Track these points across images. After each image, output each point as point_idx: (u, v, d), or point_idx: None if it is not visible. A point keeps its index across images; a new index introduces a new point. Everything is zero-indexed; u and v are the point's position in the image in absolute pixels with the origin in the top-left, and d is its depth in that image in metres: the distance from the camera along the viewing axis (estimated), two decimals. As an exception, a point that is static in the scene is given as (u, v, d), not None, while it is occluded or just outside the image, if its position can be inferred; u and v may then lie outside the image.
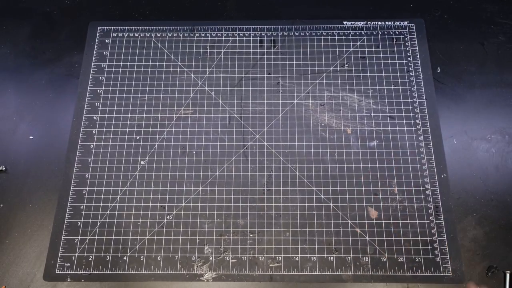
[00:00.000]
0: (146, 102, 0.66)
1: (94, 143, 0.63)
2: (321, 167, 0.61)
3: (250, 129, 0.64)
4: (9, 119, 0.66)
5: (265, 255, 0.57)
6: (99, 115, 0.65)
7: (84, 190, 0.60)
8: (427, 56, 0.69)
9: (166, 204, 0.60)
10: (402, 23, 0.71)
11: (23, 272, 0.56)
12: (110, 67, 0.69)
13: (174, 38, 0.71)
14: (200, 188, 0.60)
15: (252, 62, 0.69)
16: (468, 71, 0.68)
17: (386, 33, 0.70)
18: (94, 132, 0.64)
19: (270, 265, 0.56)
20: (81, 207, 0.59)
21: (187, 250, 0.57)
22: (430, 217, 0.58)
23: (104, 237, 0.58)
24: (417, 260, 0.56)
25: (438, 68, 0.68)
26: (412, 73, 0.67)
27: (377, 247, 0.57)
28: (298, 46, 0.70)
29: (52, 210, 0.60)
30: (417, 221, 0.58)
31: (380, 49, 0.69)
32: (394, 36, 0.70)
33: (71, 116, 0.65)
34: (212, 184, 0.61)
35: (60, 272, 0.56)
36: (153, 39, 0.71)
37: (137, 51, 0.70)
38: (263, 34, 0.71)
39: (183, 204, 0.60)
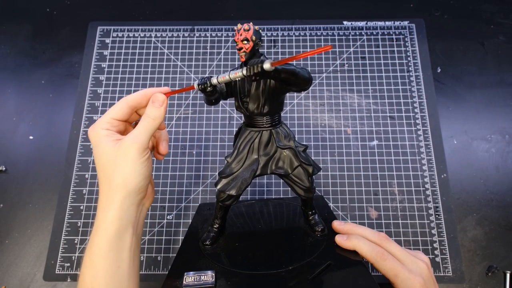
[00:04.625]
0: (146, 102, 0.66)
1: (94, 143, 0.63)
2: (321, 167, 0.61)
3: (250, 129, 0.64)
4: (9, 119, 0.66)
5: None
6: (99, 115, 0.65)
7: (84, 190, 0.60)
8: (427, 56, 0.69)
9: (166, 204, 0.60)
10: (402, 23, 0.71)
11: (23, 272, 0.56)
12: (110, 67, 0.69)
13: (174, 38, 0.71)
14: (200, 188, 0.60)
15: (252, 62, 0.69)
16: (468, 71, 0.68)
17: (386, 33, 0.70)
18: (94, 132, 0.64)
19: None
20: (81, 207, 0.59)
21: (187, 250, 0.57)
22: (430, 217, 0.58)
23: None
24: (417, 260, 0.56)
25: (438, 68, 0.68)
26: (412, 73, 0.67)
27: (377, 247, 0.57)
28: (298, 46, 0.70)
29: (52, 210, 0.60)
30: (417, 221, 0.58)
31: (380, 49, 0.69)
32: (394, 36, 0.70)
33: (71, 116, 0.65)
34: (212, 184, 0.61)
35: (60, 272, 0.56)
36: (153, 39, 0.71)
37: (137, 51, 0.70)
38: (263, 34, 0.71)
39: (183, 204, 0.60)
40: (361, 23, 0.71)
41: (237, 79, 0.36)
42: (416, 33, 0.70)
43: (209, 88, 0.37)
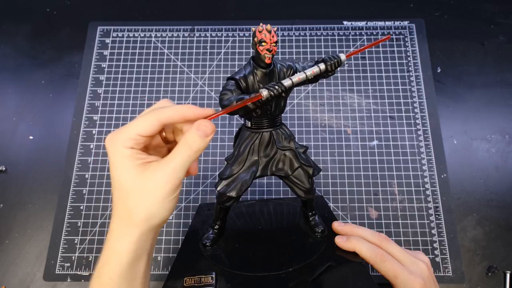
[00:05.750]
0: (146, 102, 0.66)
1: (94, 143, 0.63)
2: (321, 167, 0.61)
3: (250, 129, 0.64)
4: (9, 119, 0.66)
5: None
6: (99, 115, 0.65)
7: (84, 190, 0.60)
8: (427, 56, 0.68)
9: (166, 204, 0.59)
10: (402, 23, 0.71)
11: (23, 272, 0.56)
12: (110, 67, 0.69)
13: (174, 38, 0.71)
14: (200, 188, 0.60)
15: (252, 62, 0.69)
16: (468, 71, 0.68)
17: (386, 33, 0.70)
18: (94, 132, 0.64)
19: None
20: (81, 207, 0.59)
21: (187, 250, 0.57)
22: (430, 217, 0.58)
23: (104, 237, 0.57)
24: (417, 260, 0.56)
25: (438, 68, 0.68)
26: (412, 73, 0.67)
27: (377, 247, 0.57)
28: (298, 46, 0.70)
29: (52, 210, 0.60)
30: (417, 221, 0.58)
31: (380, 49, 0.69)
32: (394, 36, 0.70)
33: (71, 116, 0.65)
34: (212, 184, 0.61)
35: (60, 272, 0.56)
36: (153, 39, 0.71)
37: (137, 51, 0.70)
38: (263, 34, 0.71)
39: (183, 204, 0.60)
40: (361, 23, 0.71)
41: (311, 76, 0.34)
42: (416, 33, 0.70)
43: (283, 94, 0.33)
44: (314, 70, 0.33)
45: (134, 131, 0.31)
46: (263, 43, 0.35)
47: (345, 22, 0.72)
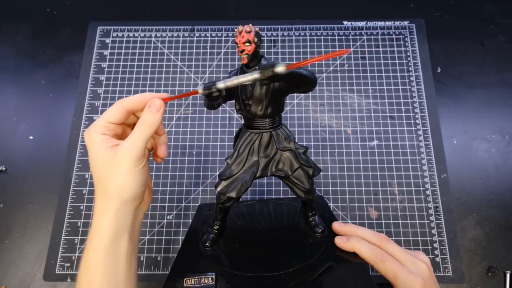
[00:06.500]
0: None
1: (94, 143, 0.63)
2: (321, 167, 0.61)
3: (250, 129, 0.64)
4: (9, 119, 0.66)
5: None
6: (99, 115, 0.65)
7: (84, 190, 0.60)
8: (427, 56, 0.68)
9: (166, 204, 0.60)
10: (402, 23, 0.71)
11: (23, 272, 0.56)
12: (110, 67, 0.69)
13: (174, 38, 0.71)
14: (200, 188, 0.60)
15: (252, 62, 0.69)
16: (468, 71, 0.68)
17: (386, 33, 0.70)
18: (94, 132, 0.64)
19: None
20: (81, 207, 0.59)
21: (187, 250, 0.57)
22: (430, 217, 0.58)
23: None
24: (417, 260, 0.56)
25: (438, 68, 0.68)
26: (412, 73, 0.67)
27: (377, 247, 0.57)
28: (298, 46, 0.70)
29: (52, 210, 0.60)
30: (417, 221, 0.58)
31: (380, 49, 0.69)
32: (394, 36, 0.70)
33: (71, 116, 0.65)
34: (212, 184, 0.61)
35: (60, 272, 0.56)
36: (153, 39, 0.71)
37: (137, 51, 0.70)
38: (263, 34, 0.71)
39: (183, 204, 0.60)
40: (361, 23, 0.71)
41: (247, 83, 0.34)
42: (416, 33, 0.70)
43: (215, 93, 0.35)
44: (248, 77, 0.33)
45: (104, 119, 0.38)
46: (237, 45, 0.36)
47: (345, 22, 0.72)
